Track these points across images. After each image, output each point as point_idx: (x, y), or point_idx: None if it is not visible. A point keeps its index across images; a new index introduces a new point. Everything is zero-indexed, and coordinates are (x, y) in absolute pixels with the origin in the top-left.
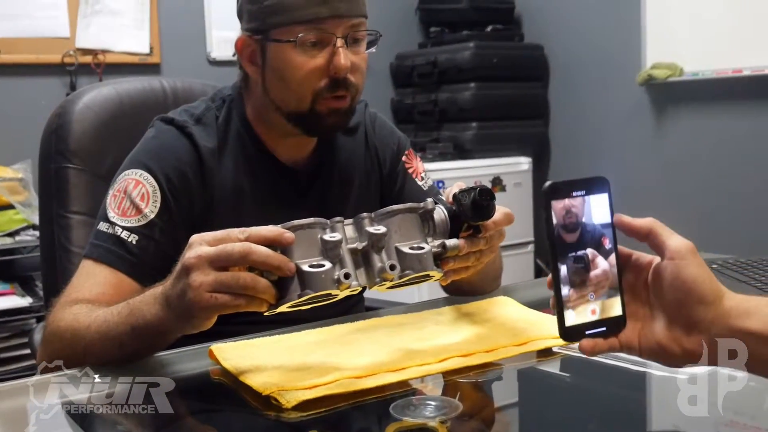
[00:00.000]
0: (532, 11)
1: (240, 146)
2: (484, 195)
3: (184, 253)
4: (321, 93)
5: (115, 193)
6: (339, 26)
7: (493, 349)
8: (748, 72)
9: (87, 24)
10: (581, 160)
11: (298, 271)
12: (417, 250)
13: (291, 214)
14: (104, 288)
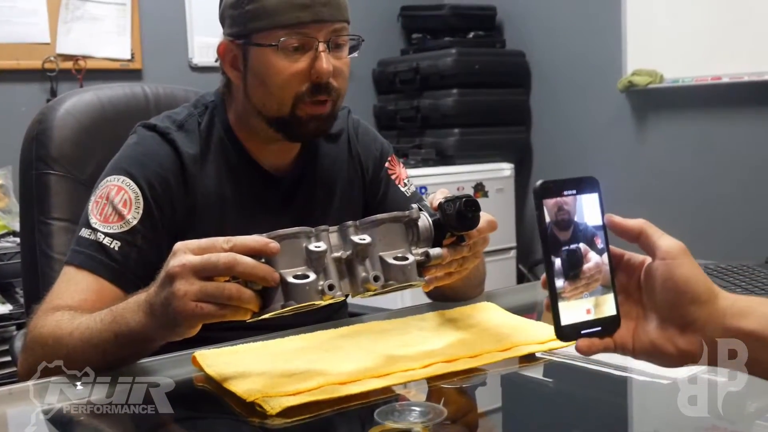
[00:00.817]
0: (514, 18)
1: (222, 153)
2: (469, 206)
3: (168, 261)
4: (302, 97)
5: (97, 199)
6: (321, 31)
7: (477, 354)
8: (726, 79)
9: (68, 30)
10: (563, 166)
11: (282, 282)
12: (401, 261)
13: (274, 221)
14: (86, 294)
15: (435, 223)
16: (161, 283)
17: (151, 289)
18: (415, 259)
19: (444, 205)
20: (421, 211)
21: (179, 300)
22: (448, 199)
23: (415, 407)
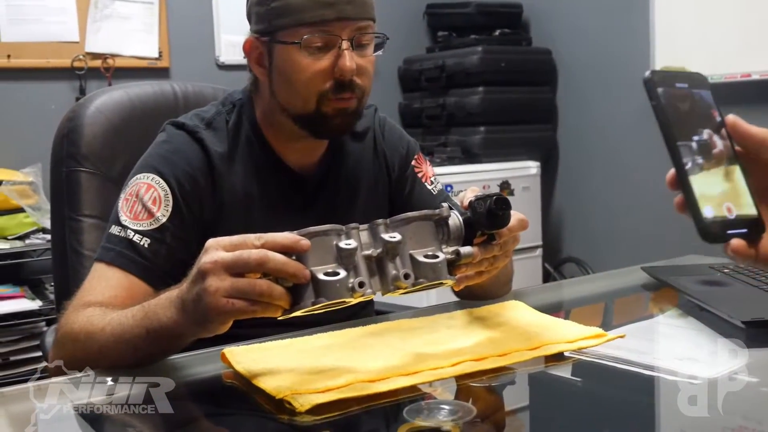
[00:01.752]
0: (540, 15)
1: (250, 151)
2: (500, 204)
3: (200, 258)
4: (326, 95)
5: (127, 197)
6: (345, 29)
7: (506, 353)
8: (756, 76)
9: (96, 28)
10: (590, 163)
11: (312, 279)
12: (431, 259)
13: (299, 220)
14: (117, 291)
15: (465, 222)
16: (193, 280)
17: (183, 286)
18: (446, 258)
19: (474, 203)
20: (451, 209)
21: (211, 296)
22: (479, 198)
23: (444, 405)
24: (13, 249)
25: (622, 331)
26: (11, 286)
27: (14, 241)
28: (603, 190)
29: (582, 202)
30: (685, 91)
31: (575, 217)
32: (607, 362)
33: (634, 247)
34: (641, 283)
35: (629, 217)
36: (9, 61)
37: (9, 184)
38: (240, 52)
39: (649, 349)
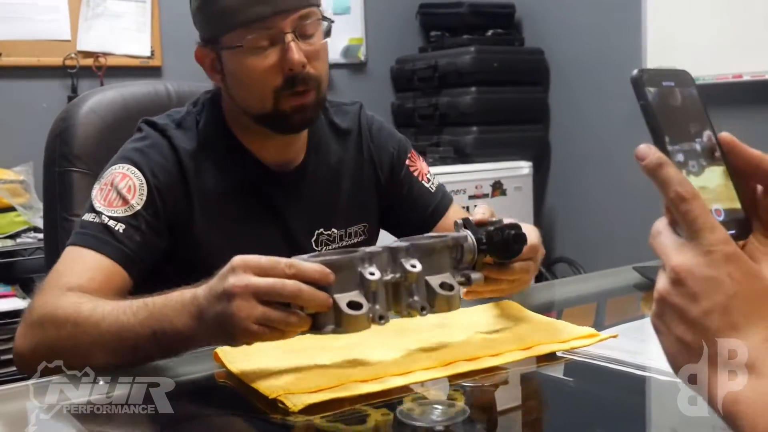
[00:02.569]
0: (533, 15)
1: (221, 149)
2: (517, 240)
3: (227, 276)
4: (280, 91)
5: (102, 186)
6: (285, 21)
7: (499, 353)
8: (748, 77)
9: (88, 27)
10: (582, 164)
11: (335, 306)
12: (447, 291)
13: (278, 217)
14: (93, 273)
15: (479, 246)
16: (217, 296)
17: (197, 292)
18: (459, 286)
19: (492, 232)
20: (466, 228)
21: (241, 321)
22: (497, 228)
23: (436, 405)
24: (4, 248)
25: (615, 331)
26: (2, 285)
27: (5, 240)
28: (595, 190)
29: (574, 202)
30: (672, 90)
31: (567, 217)
32: (599, 362)
33: (626, 247)
34: (633, 282)
35: (621, 217)
36: (0, 59)
37: (0, 183)
38: None
39: (641, 349)
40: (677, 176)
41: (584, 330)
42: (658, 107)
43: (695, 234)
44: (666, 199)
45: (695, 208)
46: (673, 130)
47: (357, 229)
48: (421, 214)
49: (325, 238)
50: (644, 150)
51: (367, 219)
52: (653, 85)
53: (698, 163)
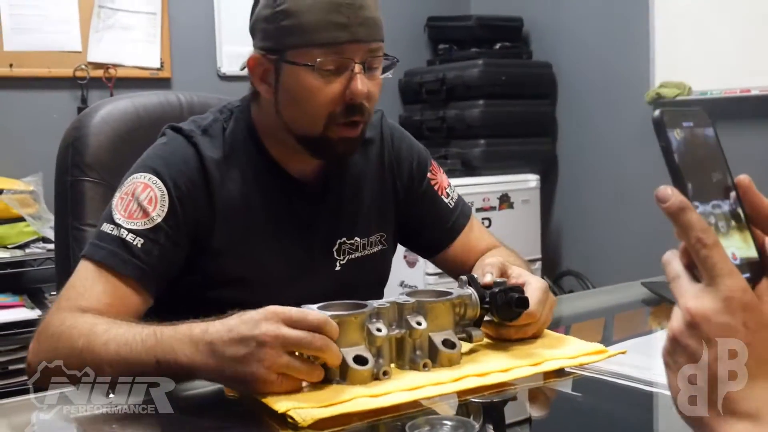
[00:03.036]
0: (541, 29)
1: (248, 158)
2: (520, 304)
3: (258, 323)
4: (335, 118)
5: (122, 195)
6: (358, 51)
7: (508, 369)
8: (756, 92)
9: (99, 38)
10: (589, 177)
11: (342, 359)
12: (449, 348)
13: (300, 227)
14: (111, 299)
15: (482, 306)
16: (241, 340)
17: (211, 331)
18: (461, 344)
19: (496, 294)
20: (470, 285)
21: (264, 369)
22: (501, 289)
23: (446, 421)
24: (13, 258)
25: (623, 346)
26: (11, 295)
27: (14, 250)
28: (602, 204)
29: (581, 215)
30: (691, 131)
31: (574, 230)
32: (607, 378)
33: (633, 261)
34: (641, 297)
35: (628, 231)
36: (11, 70)
37: (10, 193)
38: (241, 62)
39: (650, 364)
40: (699, 222)
41: (593, 346)
42: (678, 149)
43: (713, 280)
44: (686, 243)
45: (715, 254)
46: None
47: (376, 239)
48: (437, 232)
49: (348, 247)
50: (666, 193)
51: (386, 229)
52: (674, 126)
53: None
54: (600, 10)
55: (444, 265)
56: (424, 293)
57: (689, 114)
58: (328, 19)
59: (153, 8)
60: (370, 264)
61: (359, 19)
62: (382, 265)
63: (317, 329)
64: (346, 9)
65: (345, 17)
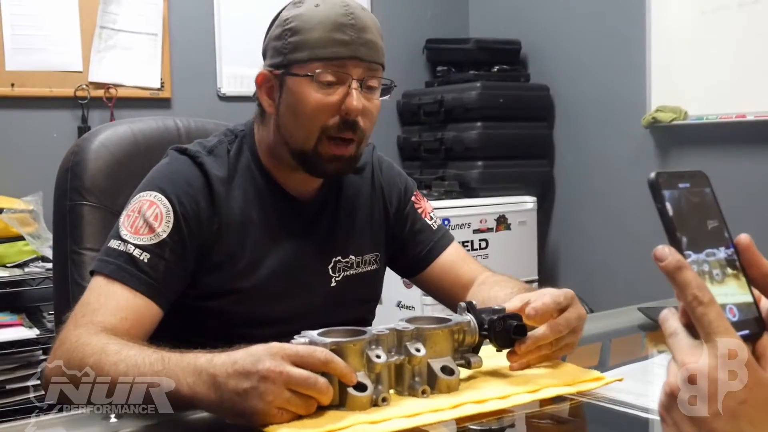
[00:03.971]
0: (538, 52)
1: (250, 178)
2: (517, 331)
3: (262, 358)
4: (328, 131)
5: (129, 212)
6: (356, 68)
7: (506, 396)
8: (751, 117)
9: (100, 59)
10: (586, 200)
11: (340, 385)
12: (448, 375)
13: (296, 243)
14: (125, 312)
15: (480, 332)
16: (245, 373)
17: (215, 362)
18: (460, 371)
19: (495, 322)
20: (469, 312)
21: (265, 404)
22: (501, 316)
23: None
24: (12, 277)
25: (620, 372)
26: (9, 314)
27: (13, 269)
28: (599, 226)
29: (578, 237)
30: (688, 191)
31: (571, 252)
32: (604, 404)
33: (629, 284)
34: (638, 323)
35: (624, 253)
36: (13, 89)
37: (10, 212)
38: (241, 83)
39: (646, 391)
40: (695, 280)
41: (591, 373)
42: (675, 210)
43: (710, 337)
44: (683, 301)
45: (711, 312)
46: (687, 232)
47: (371, 258)
48: (421, 250)
49: (343, 265)
50: (663, 252)
51: (379, 249)
52: (669, 188)
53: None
54: (597, 34)
55: (426, 285)
56: (423, 320)
57: (687, 176)
58: (331, 36)
59: (154, 29)
60: (364, 282)
61: (361, 40)
62: (376, 283)
63: (323, 366)
64: (349, 29)
65: (347, 36)
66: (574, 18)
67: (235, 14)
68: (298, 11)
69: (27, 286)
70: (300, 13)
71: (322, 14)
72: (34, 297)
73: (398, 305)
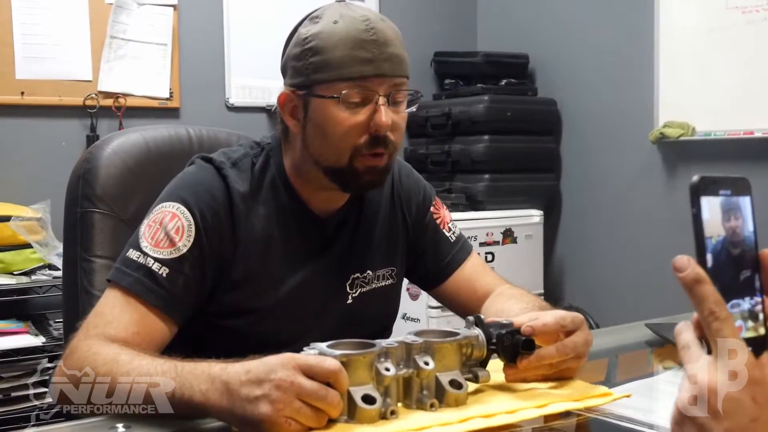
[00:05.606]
0: (546, 66)
1: (273, 194)
2: (526, 346)
3: (276, 368)
4: (360, 149)
5: (150, 223)
6: (382, 85)
7: (514, 410)
8: (759, 134)
9: (110, 68)
10: (592, 214)
11: (349, 397)
12: (456, 389)
13: (315, 259)
14: (138, 327)
15: (488, 347)
16: (258, 382)
17: (229, 370)
18: (468, 385)
19: (503, 336)
20: (477, 326)
21: (275, 412)
22: (508, 330)
23: None
24: (19, 284)
25: (627, 388)
26: (15, 321)
27: (20, 276)
28: (605, 241)
29: (584, 251)
30: (726, 200)
31: (577, 266)
32: (611, 419)
33: (635, 299)
34: (645, 339)
35: (631, 269)
36: (22, 98)
37: (17, 220)
38: (249, 94)
39: (653, 407)
40: (713, 295)
41: (598, 389)
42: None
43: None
44: (699, 315)
45: (726, 328)
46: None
47: (386, 272)
48: (437, 265)
49: (360, 281)
50: (683, 262)
51: (395, 263)
52: (709, 194)
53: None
54: (605, 49)
55: (443, 298)
56: (431, 333)
57: (729, 182)
58: (353, 54)
59: (164, 39)
60: (379, 297)
61: (384, 55)
62: (392, 298)
63: (332, 376)
64: (371, 45)
65: (370, 53)
66: (581, 32)
67: (244, 25)
68: (318, 29)
69: (33, 293)
70: (319, 30)
71: (342, 31)
72: (41, 305)
73: (404, 317)
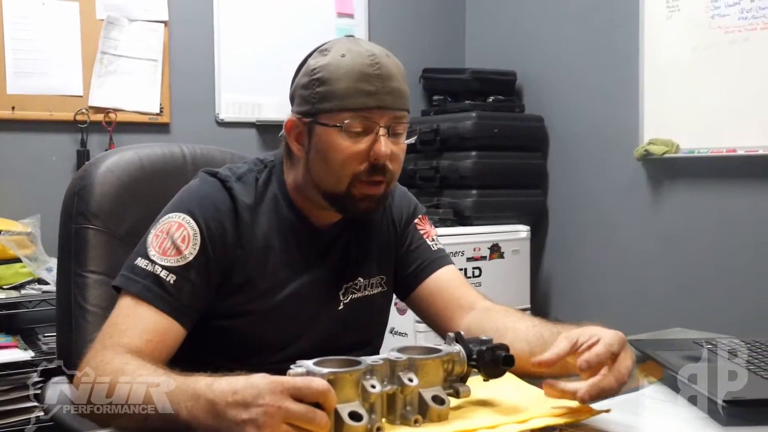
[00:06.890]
0: (533, 84)
1: (275, 208)
2: (506, 362)
3: (263, 392)
4: (359, 176)
5: (158, 233)
6: (383, 117)
7: (495, 426)
8: (742, 152)
9: (100, 83)
10: (578, 230)
11: (336, 415)
12: (439, 404)
13: (313, 270)
14: (150, 335)
15: (469, 362)
16: (245, 404)
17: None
18: (449, 400)
19: (484, 352)
20: (457, 342)
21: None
22: (488, 347)
23: None
24: (8, 299)
25: (609, 404)
26: (4, 336)
27: (9, 290)
28: (591, 257)
29: (571, 267)
30: None
31: (564, 281)
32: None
33: (621, 314)
34: None
35: (616, 285)
36: (13, 113)
37: (7, 234)
38: (239, 110)
39: (634, 422)
40: None
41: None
42: None
43: None
44: None
45: None
46: None
47: (377, 281)
48: (414, 268)
49: (352, 288)
50: None
51: (386, 273)
52: None
53: None
54: (592, 67)
55: (418, 305)
56: (414, 349)
57: None
58: (357, 87)
59: (155, 55)
60: (370, 304)
61: (387, 89)
62: (382, 307)
63: (321, 396)
64: (374, 79)
65: (373, 86)
66: (569, 50)
67: (234, 42)
68: (326, 61)
69: (23, 308)
70: (327, 63)
71: (348, 65)
72: (30, 319)
73: (392, 332)
